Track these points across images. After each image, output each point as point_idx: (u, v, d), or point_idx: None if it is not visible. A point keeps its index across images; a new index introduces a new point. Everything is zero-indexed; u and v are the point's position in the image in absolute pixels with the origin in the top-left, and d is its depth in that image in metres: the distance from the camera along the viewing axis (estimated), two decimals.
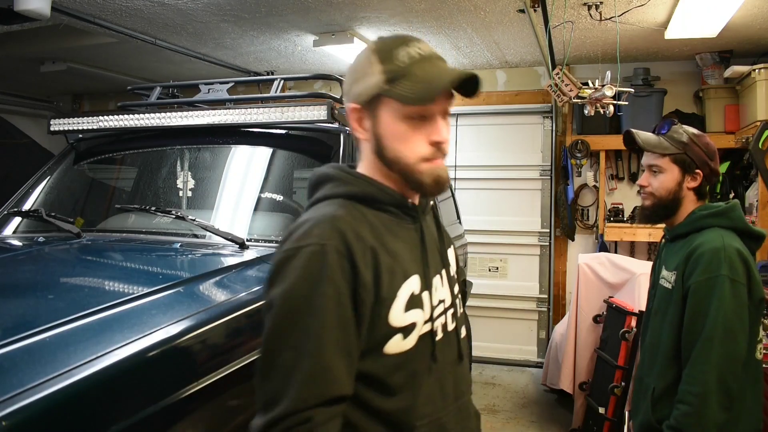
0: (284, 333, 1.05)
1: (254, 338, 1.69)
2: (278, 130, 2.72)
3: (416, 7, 3.88)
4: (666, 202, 1.93)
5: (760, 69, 4.30)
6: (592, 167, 5.43)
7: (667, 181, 1.92)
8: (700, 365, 1.70)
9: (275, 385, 1.06)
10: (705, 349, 1.70)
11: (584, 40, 4.54)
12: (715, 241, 1.78)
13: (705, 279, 1.73)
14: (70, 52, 5.06)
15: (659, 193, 1.93)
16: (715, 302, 1.70)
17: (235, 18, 4.11)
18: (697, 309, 1.74)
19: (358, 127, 1.20)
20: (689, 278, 1.78)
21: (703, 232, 1.84)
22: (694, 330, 1.74)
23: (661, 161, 1.92)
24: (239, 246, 2.23)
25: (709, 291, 1.72)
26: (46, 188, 2.80)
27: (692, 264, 1.78)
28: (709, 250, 1.76)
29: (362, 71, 1.17)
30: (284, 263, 1.08)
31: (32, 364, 1.19)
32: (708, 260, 1.74)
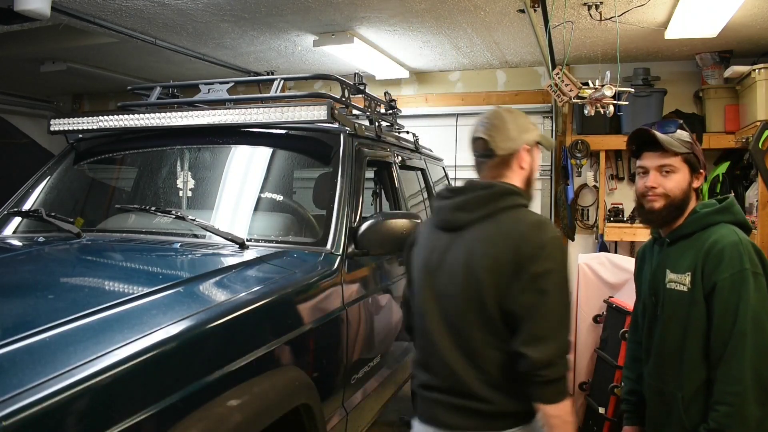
0: (567, 292, 1.63)
1: (254, 338, 1.69)
2: (278, 130, 2.71)
3: (416, 7, 3.88)
4: (679, 202, 1.87)
5: (760, 69, 4.30)
6: (592, 167, 5.43)
7: (681, 180, 1.87)
8: (736, 363, 1.66)
9: (562, 327, 1.62)
10: (739, 346, 1.66)
11: (584, 40, 4.54)
12: (731, 235, 1.75)
13: (730, 275, 1.70)
14: (70, 52, 5.06)
15: (674, 193, 1.86)
16: (743, 298, 1.68)
17: (235, 18, 4.11)
18: (725, 306, 1.70)
19: (526, 160, 1.80)
20: (711, 276, 1.73)
21: (711, 229, 1.81)
22: (724, 328, 1.70)
23: (673, 160, 1.86)
24: (239, 246, 2.23)
25: (735, 286, 1.69)
26: (46, 188, 2.80)
27: (713, 261, 1.74)
28: (729, 245, 1.73)
29: (527, 125, 1.85)
30: (557, 243, 1.65)
31: (32, 364, 1.18)
32: (730, 255, 1.71)
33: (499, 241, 1.64)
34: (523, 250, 1.60)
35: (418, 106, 5.93)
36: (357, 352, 2.35)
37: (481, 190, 1.74)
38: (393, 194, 3.16)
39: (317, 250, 2.29)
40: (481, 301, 1.64)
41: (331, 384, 2.11)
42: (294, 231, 2.52)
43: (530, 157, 1.81)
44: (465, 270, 1.67)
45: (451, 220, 1.77)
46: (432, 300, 1.75)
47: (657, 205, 1.88)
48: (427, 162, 4.05)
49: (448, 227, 1.77)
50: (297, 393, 1.77)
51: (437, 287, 1.74)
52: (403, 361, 3.00)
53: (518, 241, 1.62)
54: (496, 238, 1.66)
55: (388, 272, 2.80)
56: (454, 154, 5.79)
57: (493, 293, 1.62)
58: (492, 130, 1.79)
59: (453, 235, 1.74)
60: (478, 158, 1.83)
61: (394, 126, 3.90)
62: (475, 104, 5.77)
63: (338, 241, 2.31)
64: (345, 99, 2.88)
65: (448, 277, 1.72)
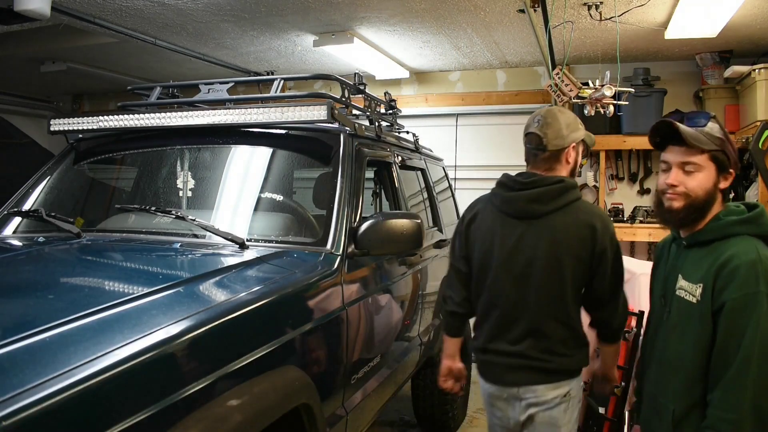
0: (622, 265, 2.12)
1: (254, 338, 1.69)
2: (278, 130, 2.71)
3: (416, 7, 3.88)
4: (701, 204, 1.71)
5: (760, 69, 4.30)
6: (592, 167, 5.43)
7: (705, 180, 1.71)
8: (736, 390, 1.55)
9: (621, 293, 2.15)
10: (741, 373, 1.54)
11: (584, 40, 4.54)
12: (750, 252, 1.60)
13: (742, 296, 1.56)
14: (70, 52, 5.06)
15: (696, 193, 1.70)
16: (753, 321, 1.54)
17: (235, 18, 4.11)
18: (732, 328, 1.57)
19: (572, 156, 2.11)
20: (721, 294, 1.60)
21: (731, 241, 1.66)
22: (727, 351, 1.58)
23: (698, 158, 1.70)
24: (239, 246, 2.23)
25: (746, 309, 1.56)
26: (46, 188, 2.80)
27: (725, 278, 1.60)
28: (745, 263, 1.58)
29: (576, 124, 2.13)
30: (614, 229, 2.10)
31: (32, 364, 1.18)
32: (745, 275, 1.57)
33: (578, 231, 2.04)
34: (599, 241, 2.03)
35: (418, 106, 5.93)
36: (357, 352, 2.35)
37: (553, 184, 2.06)
38: (393, 194, 3.16)
39: (317, 250, 2.29)
40: (561, 281, 2.04)
41: (331, 384, 2.11)
42: (294, 231, 2.52)
43: (575, 153, 2.12)
44: (547, 254, 2.03)
45: (527, 210, 2.08)
46: (507, 279, 2.08)
47: (676, 205, 1.73)
48: (427, 162, 4.05)
49: (524, 216, 2.09)
50: (297, 393, 1.77)
51: (515, 268, 2.07)
52: (403, 361, 3.00)
53: (594, 232, 2.03)
54: (574, 228, 2.04)
55: (388, 272, 2.80)
56: (454, 154, 5.79)
57: (573, 274, 2.04)
58: (545, 127, 2.07)
59: (527, 223, 2.07)
60: (531, 151, 2.13)
61: (394, 126, 3.90)
62: (475, 104, 5.77)
63: (338, 241, 2.30)
64: (345, 99, 2.88)
65: (529, 259, 2.05)
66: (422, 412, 3.85)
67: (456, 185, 5.50)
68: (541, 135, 2.06)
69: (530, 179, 2.10)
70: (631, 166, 5.40)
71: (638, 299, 3.49)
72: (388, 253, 2.62)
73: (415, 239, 2.39)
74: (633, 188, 5.41)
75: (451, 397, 3.79)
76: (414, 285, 3.16)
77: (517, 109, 5.66)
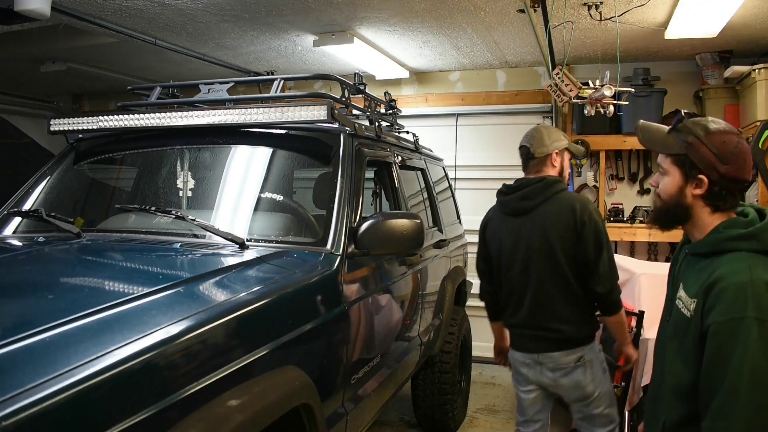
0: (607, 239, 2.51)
1: (254, 338, 1.69)
2: (278, 130, 2.71)
3: (416, 7, 3.88)
4: (669, 207, 1.69)
5: (760, 69, 4.30)
6: (592, 167, 5.43)
7: (669, 184, 1.68)
8: (723, 420, 1.46)
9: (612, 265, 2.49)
10: (729, 403, 1.45)
11: (584, 40, 4.54)
12: (741, 273, 1.49)
13: (727, 320, 1.47)
14: (70, 52, 5.06)
15: (663, 196, 1.70)
16: (739, 349, 1.44)
17: (235, 18, 4.11)
18: (717, 354, 1.48)
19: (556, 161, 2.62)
20: (708, 315, 1.51)
21: (726, 257, 1.56)
22: (713, 376, 1.49)
23: (665, 161, 1.70)
24: (239, 246, 2.23)
25: (732, 335, 1.46)
26: (46, 188, 2.80)
27: (712, 299, 1.51)
28: (734, 285, 1.48)
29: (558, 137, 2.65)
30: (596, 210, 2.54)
31: (32, 364, 1.18)
32: (732, 298, 1.47)
33: (561, 215, 2.49)
34: (578, 218, 2.46)
35: (418, 106, 5.93)
36: (357, 352, 2.35)
37: (536, 183, 2.56)
38: (393, 194, 3.16)
39: (317, 250, 2.29)
40: (555, 260, 2.47)
41: (331, 384, 2.11)
42: (294, 231, 2.52)
43: (560, 158, 2.62)
44: (540, 239, 2.49)
45: (519, 207, 2.57)
46: (515, 267, 2.57)
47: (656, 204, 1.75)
48: (427, 162, 4.06)
49: (518, 213, 2.58)
50: (297, 393, 1.77)
51: (518, 256, 2.55)
52: (403, 361, 3.00)
53: (574, 213, 2.47)
54: (557, 213, 2.50)
55: (388, 272, 2.80)
56: (454, 154, 5.79)
57: (563, 252, 2.47)
58: (532, 140, 2.62)
59: (523, 218, 2.56)
60: (523, 160, 2.66)
61: (394, 126, 3.90)
62: (475, 104, 5.77)
63: (338, 241, 2.30)
64: (345, 99, 2.88)
65: (527, 246, 2.53)
66: (422, 412, 3.85)
67: (456, 185, 5.50)
68: (528, 146, 2.61)
69: (519, 182, 2.63)
70: (631, 166, 5.40)
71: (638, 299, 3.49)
72: (388, 253, 2.62)
73: (415, 239, 2.39)
74: (633, 188, 5.41)
75: (450, 397, 3.79)
76: (414, 285, 3.16)
77: (517, 109, 5.65)
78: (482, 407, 4.57)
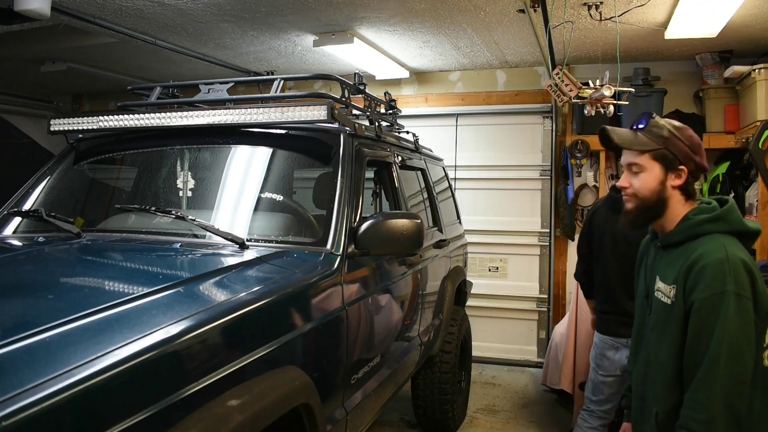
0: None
1: (254, 338, 1.69)
2: (278, 130, 2.71)
3: (416, 7, 3.88)
4: (650, 203, 1.75)
5: (760, 69, 4.30)
6: (592, 167, 5.43)
7: (649, 180, 1.74)
8: (705, 390, 1.55)
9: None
10: (710, 372, 1.55)
11: (584, 40, 4.54)
12: (718, 251, 1.61)
13: (709, 296, 1.57)
14: (70, 52, 5.06)
15: (642, 194, 1.75)
16: (720, 321, 1.55)
17: (235, 18, 4.11)
18: (700, 328, 1.59)
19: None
20: (691, 294, 1.62)
21: (700, 240, 1.67)
22: (697, 351, 1.59)
23: (640, 159, 1.75)
24: (239, 246, 2.23)
25: (714, 308, 1.56)
26: (46, 188, 2.80)
27: (694, 278, 1.61)
28: (713, 262, 1.59)
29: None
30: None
31: (32, 364, 1.18)
32: (712, 274, 1.58)
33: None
34: None
35: (418, 106, 5.93)
36: (357, 352, 2.35)
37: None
38: (393, 194, 3.16)
39: (317, 250, 2.29)
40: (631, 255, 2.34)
41: (331, 384, 2.11)
42: (294, 231, 2.52)
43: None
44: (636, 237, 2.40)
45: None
46: (612, 258, 2.89)
47: (629, 207, 1.79)
48: (427, 162, 4.05)
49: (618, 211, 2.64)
50: (297, 393, 1.77)
51: (616, 250, 2.87)
52: (403, 361, 3.00)
53: None
54: None
55: (388, 272, 2.80)
56: (454, 154, 5.79)
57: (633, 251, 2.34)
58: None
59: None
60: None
61: (394, 126, 3.90)
62: (475, 104, 5.77)
63: (338, 241, 2.30)
64: (345, 99, 2.88)
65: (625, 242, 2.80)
66: (422, 412, 3.85)
67: (456, 185, 5.50)
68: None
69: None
70: None
71: None
72: (388, 253, 2.62)
73: (415, 239, 2.39)
74: None
75: (450, 397, 3.79)
76: (414, 285, 3.16)
77: (517, 109, 5.65)
78: (482, 407, 4.57)
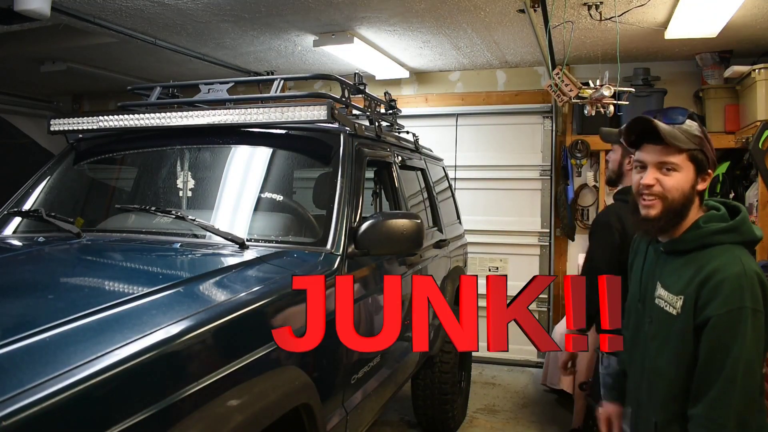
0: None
1: (254, 338, 1.69)
2: (278, 130, 2.71)
3: (416, 7, 3.88)
4: (678, 207, 1.61)
5: (760, 69, 4.30)
6: (592, 167, 5.43)
7: (683, 181, 1.60)
8: (722, 408, 1.49)
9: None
10: (727, 390, 1.48)
11: (584, 40, 4.54)
12: (734, 265, 1.52)
13: (726, 312, 1.49)
14: (70, 52, 5.05)
15: (672, 195, 1.60)
16: (739, 338, 1.48)
17: (235, 18, 4.11)
18: (717, 345, 1.50)
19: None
20: (705, 309, 1.52)
21: (712, 251, 1.57)
22: (711, 367, 1.51)
23: (677, 158, 1.59)
24: (239, 246, 2.23)
25: (732, 325, 1.48)
26: (46, 188, 2.80)
27: (709, 293, 1.51)
28: (730, 277, 1.50)
29: None
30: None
31: (32, 364, 1.18)
32: (729, 290, 1.49)
33: None
34: None
35: (418, 106, 5.93)
36: (357, 352, 2.35)
37: None
38: (393, 194, 3.16)
39: (317, 250, 2.29)
40: None
41: (331, 384, 2.11)
42: (294, 231, 2.52)
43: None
44: None
45: None
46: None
47: (653, 213, 1.63)
48: (427, 162, 4.05)
49: None
50: (297, 393, 1.77)
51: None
52: (403, 361, 3.00)
53: None
54: None
55: (389, 272, 2.80)
56: (454, 154, 5.79)
57: None
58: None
59: None
60: None
61: (394, 126, 3.90)
62: (475, 104, 5.77)
63: (338, 241, 2.30)
64: (345, 99, 2.88)
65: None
66: (422, 412, 3.85)
67: (456, 185, 5.50)
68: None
69: None
70: None
71: None
72: (388, 253, 2.61)
73: (415, 239, 2.39)
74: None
75: (450, 397, 3.79)
76: None
77: (517, 109, 5.65)
78: (482, 407, 4.57)
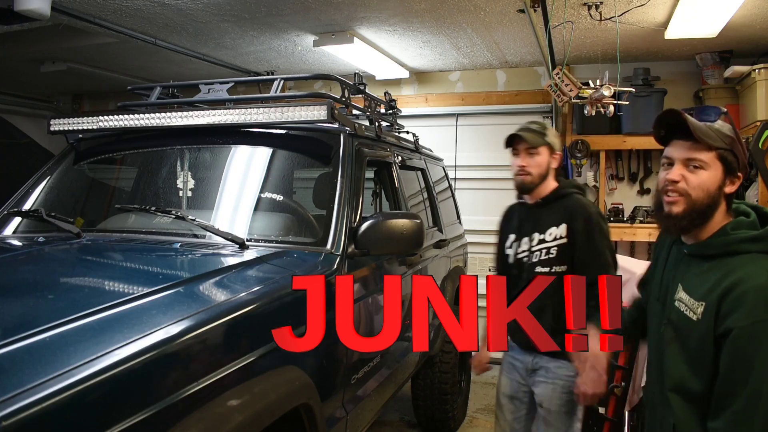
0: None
1: (254, 338, 1.69)
2: (278, 130, 2.71)
3: (416, 7, 3.88)
4: (703, 207, 1.55)
5: (760, 69, 4.30)
6: (592, 167, 5.43)
7: (709, 180, 1.54)
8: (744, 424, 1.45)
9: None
10: (751, 405, 1.43)
11: (584, 40, 4.54)
12: (759, 276, 1.47)
13: (749, 324, 1.44)
14: (70, 52, 5.06)
15: (697, 194, 1.55)
16: (762, 352, 1.43)
17: (235, 18, 4.11)
18: (739, 358, 1.46)
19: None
20: (727, 319, 1.47)
21: (738, 259, 1.52)
22: (733, 380, 1.47)
23: (706, 155, 1.54)
24: (239, 246, 2.23)
25: (756, 337, 1.44)
26: (46, 188, 2.80)
27: (732, 303, 1.47)
28: (754, 288, 1.45)
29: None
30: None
31: (32, 364, 1.18)
32: (753, 302, 1.44)
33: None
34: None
35: (418, 106, 5.93)
36: (357, 352, 2.35)
37: None
38: (393, 194, 3.16)
39: (317, 250, 2.29)
40: None
41: (331, 384, 2.11)
42: (294, 231, 2.52)
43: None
44: None
45: None
46: None
47: (676, 210, 1.58)
48: (427, 162, 4.05)
49: None
50: (297, 393, 1.77)
51: None
52: (403, 361, 3.00)
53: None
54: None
55: (389, 272, 2.80)
56: (454, 154, 5.79)
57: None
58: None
59: None
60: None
61: (394, 126, 3.90)
62: (475, 104, 5.77)
63: (338, 241, 2.30)
64: (345, 99, 2.88)
65: None
66: (422, 412, 3.85)
67: (456, 185, 5.50)
68: None
69: None
70: (631, 166, 5.40)
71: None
72: (388, 253, 2.61)
73: (415, 239, 2.39)
74: (633, 188, 5.41)
75: (450, 397, 3.79)
76: None
77: (517, 109, 5.65)
78: (482, 407, 4.57)
